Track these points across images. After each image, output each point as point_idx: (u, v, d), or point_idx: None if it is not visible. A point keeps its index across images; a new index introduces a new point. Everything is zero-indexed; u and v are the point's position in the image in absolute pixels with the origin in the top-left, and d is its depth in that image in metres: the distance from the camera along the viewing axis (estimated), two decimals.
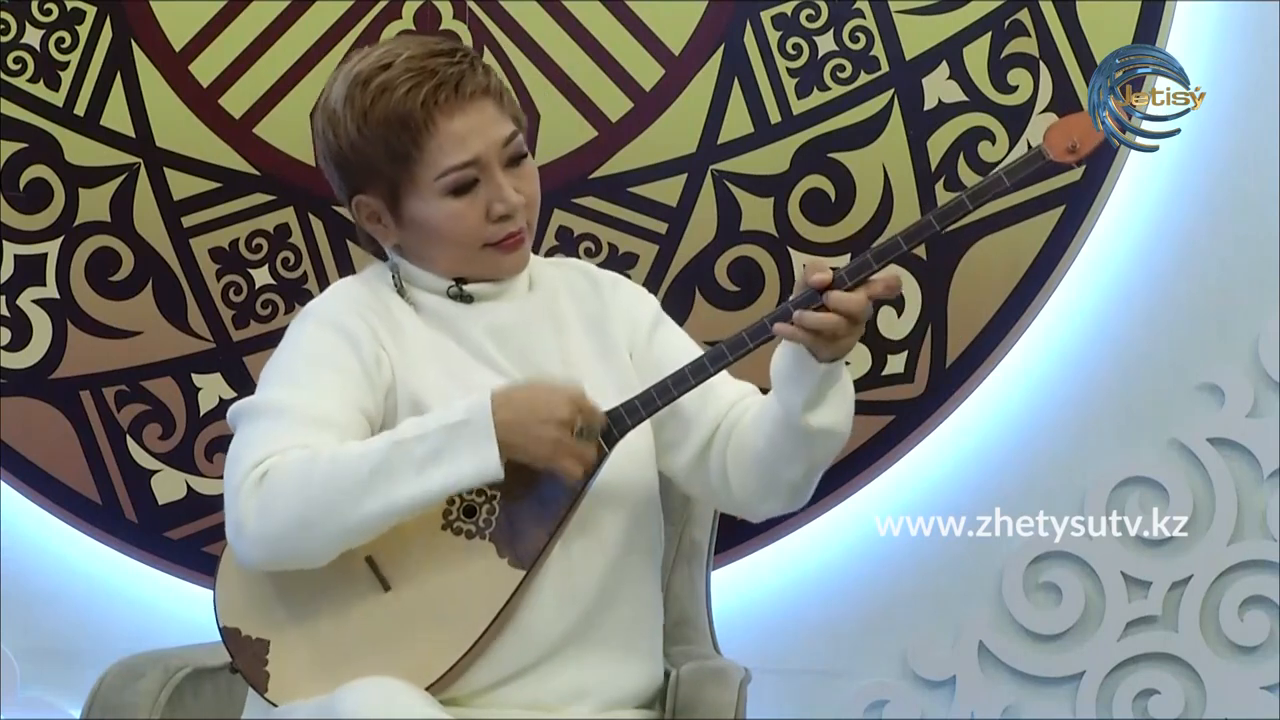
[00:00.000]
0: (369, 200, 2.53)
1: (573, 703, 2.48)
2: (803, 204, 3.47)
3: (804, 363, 2.39)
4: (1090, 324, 3.45)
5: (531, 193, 2.53)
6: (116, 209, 3.58)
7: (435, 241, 2.52)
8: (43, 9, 3.58)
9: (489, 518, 2.45)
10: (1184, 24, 3.39)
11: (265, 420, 2.44)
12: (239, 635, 2.46)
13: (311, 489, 2.37)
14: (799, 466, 2.47)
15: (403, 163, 2.47)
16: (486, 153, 2.48)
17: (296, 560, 2.42)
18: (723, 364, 2.45)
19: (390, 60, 2.48)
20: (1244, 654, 3.43)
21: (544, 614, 2.46)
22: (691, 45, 3.48)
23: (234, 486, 2.40)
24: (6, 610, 3.60)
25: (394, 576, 2.44)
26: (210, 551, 3.54)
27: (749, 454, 2.50)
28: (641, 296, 2.65)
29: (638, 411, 2.45)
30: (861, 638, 3.48)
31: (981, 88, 3.43)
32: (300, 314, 2.56)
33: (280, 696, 2.43)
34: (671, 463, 2.58)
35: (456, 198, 2.48)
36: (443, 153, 2.47)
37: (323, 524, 2.37)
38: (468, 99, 2.47)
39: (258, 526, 2.39)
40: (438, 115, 2.46)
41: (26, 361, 3.60)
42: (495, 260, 2.53)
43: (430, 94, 2.45)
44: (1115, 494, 3.44)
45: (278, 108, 3.55)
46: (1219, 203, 3.42)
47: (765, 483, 2.50)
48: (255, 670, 2.45)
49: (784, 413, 2.42)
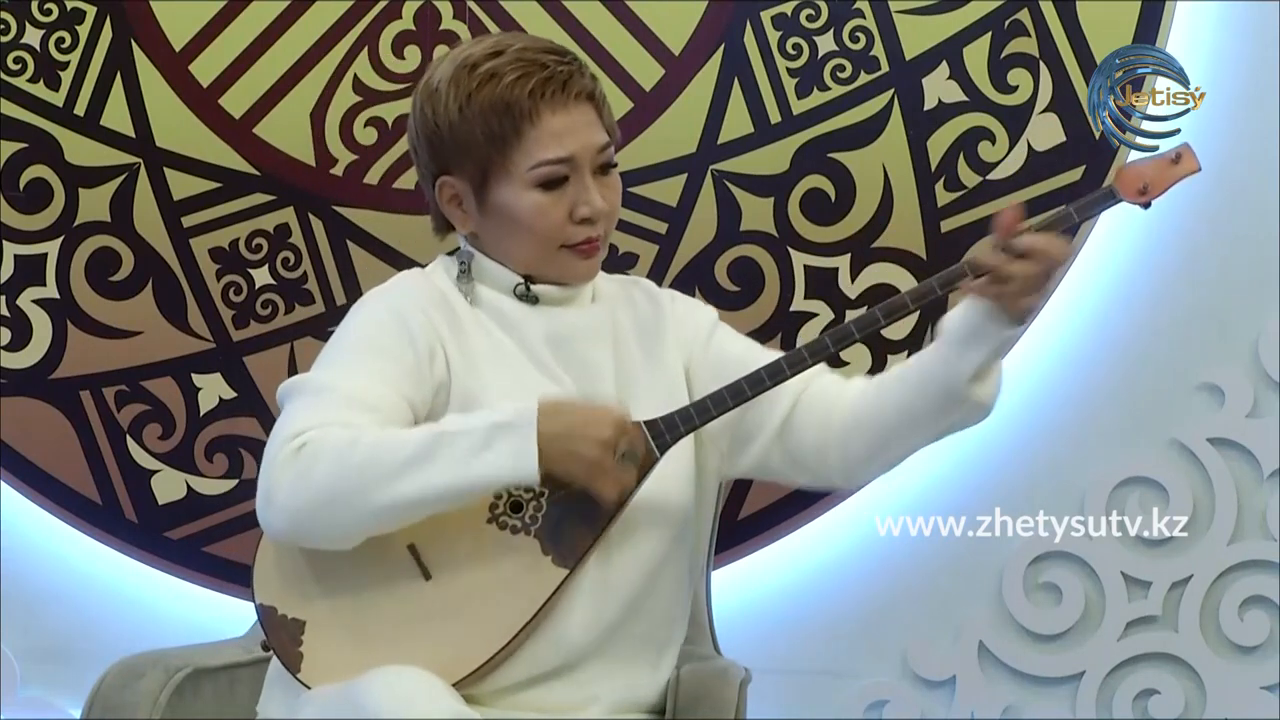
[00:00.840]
0: (454, 182, 2.53)
1: (582, 707, 2.49)
2: (803, 204, 3.47)
3: (992, 321, 2.39)
4: (1090, 324, 3.45)
5: (614, 204, 2.54)
6: (116, 209, 3.58)
7: (515, 233, 2.52)
8: (43, 9, 3.58)
9: (535, 514, 2.45)
10: (1184, 24, 3.39)
11: (310, 397, 2.43)
12: (275, 614, 2.45)
13: (347, 465, 2.36)
14: (930, 434, 2.50)
15: (499, 147, 2.48)
16: (581, 154, 2.49)
17: (321, 537, 2.40)
18: (781, 378, 2.46)
19: (502, 49, 2.50)
20: (1244, 654, 3.43)
21: (574, 621, 2.46)
22: (691, 45, 3.48)
23: (270, 456, 2.40)
24: (6, 610, 3.60)
25: (435, 566, 2.44)
26: (210, 552, 3.55)
27: (869, 422, 2.50)
28: (699, 306, 2.66)
29: (692, 419, 2.46)
30: (861, 638, 3.48)
31: (981, 88, 3.43)
32: (361, 299, 2.57)
33: (313, 678, 2.42)
34: (750, 454, 2.57)
35: (544, 191, 2.49)
36: (540, 145, 2.48)
37: (353, 502, 2.36)
38: (572, 99, 2.49)
39: (288, 497, 2.38)
40: (542, 107, 2.47)
41: (26, 361, 3.60)
42: (569, 263, 2.53)
43: (538, 86, 2.47)
44: (1115, 494, 3.44)
45: (278, 108, 3.55)
46: (1219, 203, 3.42)
47: (883, 450, 2.51)
48: (289, 650, 2.44)
49: (945, 377, 2.43)
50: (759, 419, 2.55)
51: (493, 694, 2.45)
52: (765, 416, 2.54)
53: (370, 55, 3.53)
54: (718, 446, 2.58)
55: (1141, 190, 2.43)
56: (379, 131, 3.53)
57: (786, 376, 2.46)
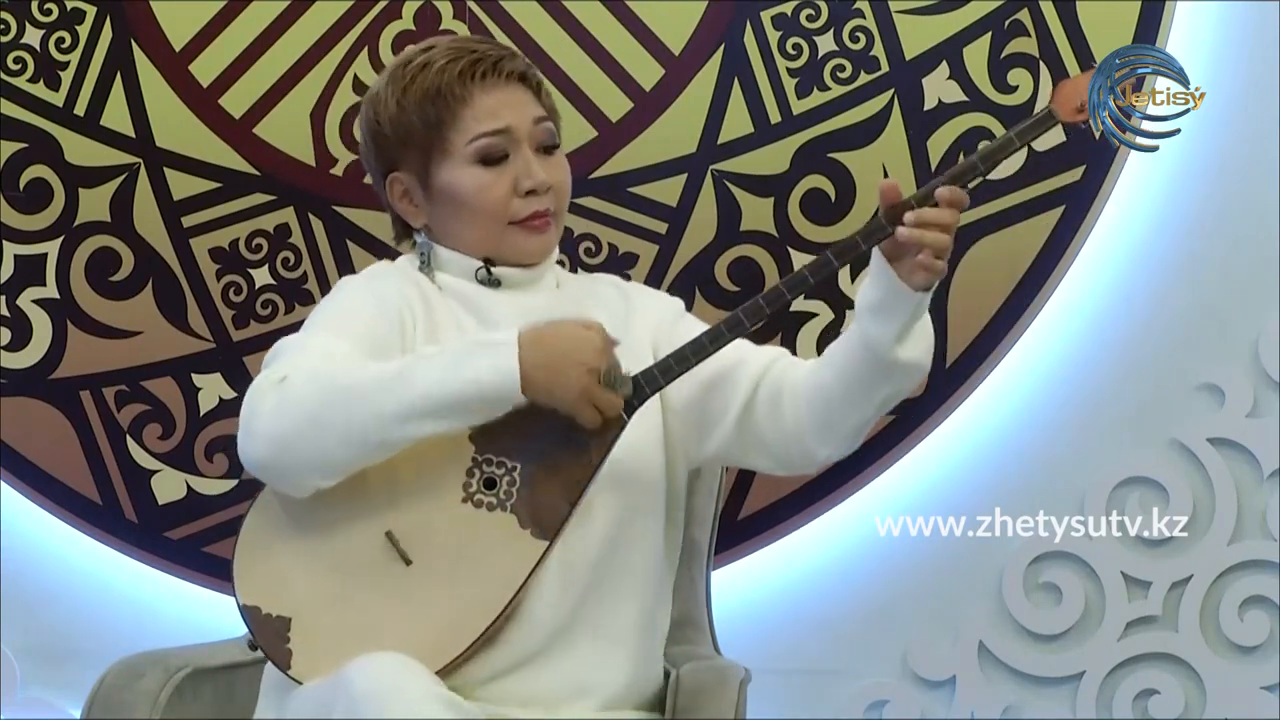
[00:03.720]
0: (402, 176, 2.58)
1: (572, 701, 2.48)
2: (803, 204, 3.47)
3: (897, 293, 2.41)
4: (1090, 324, 3.45)
5: (560, 181, 2.59)
6: (116, 209, 3.58)
7: (462, 214, 2.56)
8: (43, 9, 3.58)
9: (509, 489, 2.45)
10: (1184, 24, 3.39)
11: (292, 352, 2.48)
12: (259, 613, 2.46)
13: (329, 386, 2.39)
14: (871, 403, 2.49)
15: (437, 129, 2.54)
16: (518, 126, 2.56)
17: (301, 466, 2.41)
18: (740, 331, 2.48)
19: (433, 44, 2.59)
20: (1244, 654, 3.43)
21: (543, 601, 2.46)
22: (691, 45, 3.48)
23: (251, 389, 2.42)
24: (6, 610, 3.60)
25: (415, 550, 2.44)
26: (210, 552, 3.55)
27: (813, 397, 2.51)
28: (666, 296, 2.70)
29: (656, 380, 2.47)
30: (861, 638, 3.48)
31: (981, 88, 3.43)
32: (337, 284, 2.63)
33: (304, 673, 2.43)
34: (718, 436, 2.58)
35: (485, 167, 2.55)
36: (475, 120, 2.54)
37: (335, 421, 2.37)
38: (503, 78, 2.57)
39: (269, 423, 2.39)
40: (473, 87, 2.55)
41: (26, 361, 3.59)
42: (520, 240, 2.57)
43: (467, 68, 2.55)
44: (1115, 494, 3.44)
45: (278, 108, 3.55)
46: (1219, 203, 3.42)
47: (828, 424, 2.51)
48: (277, 648, 2.44)
49: (867, 348, 2.44)
50: (724, 399, 2.56)
51: (470, 685, 2.44)
52: (729, 397, 2.56)
53: (370, 55, 3.53)
54: (685, 423, 2.59)
55: (1079, 108, 2.42)
56: None
57: (745, 328, 2.47)
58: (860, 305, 2.45)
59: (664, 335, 2.61)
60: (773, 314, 2.49)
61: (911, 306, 2.41)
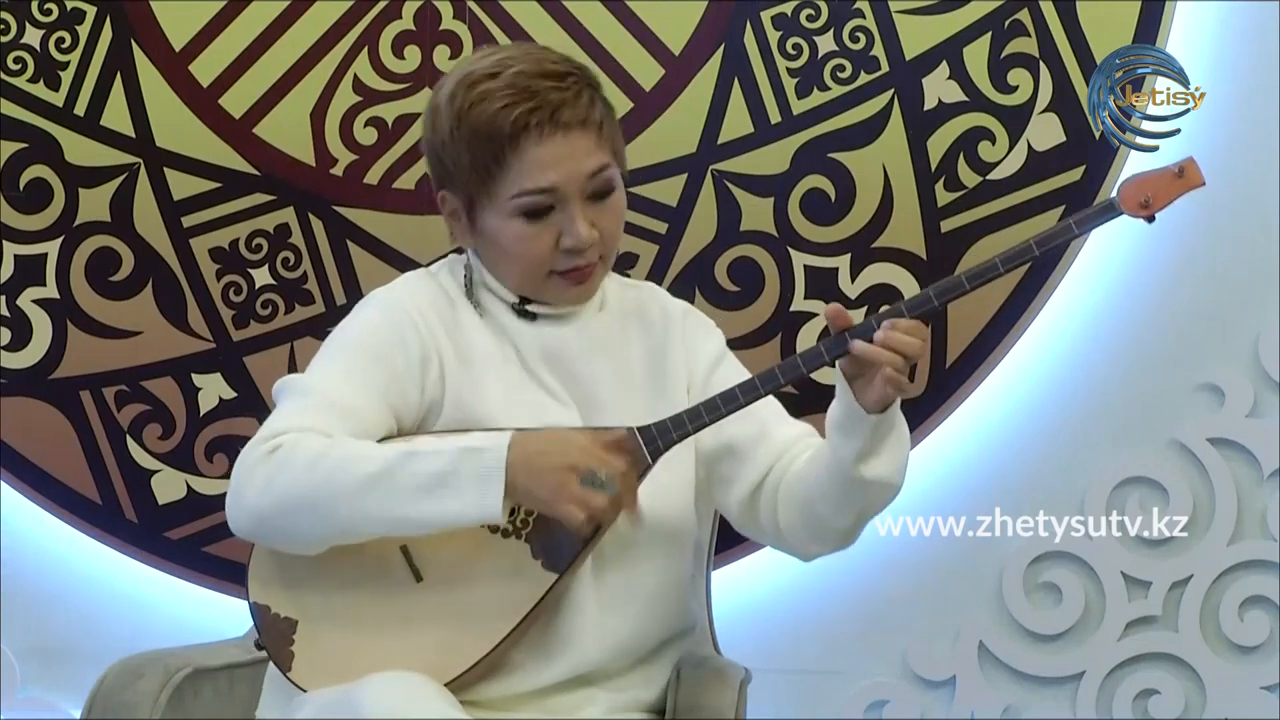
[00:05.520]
0: (451, 198, 2.53)
1: (582, 706, 2.49)
2: (803, 204, 3.47)
3: (855, 413, 2.39)
4: (1090, 324, 3.45)
5: (610, 229, 2.51)
6: (116, 209, 3.58)
7: (503, 258, 2.51)
8: (43, 9, 3.58)
9: (526, 518, 2.45)
10: (1184, 24, 3.39)
11: (296, 399, 2.45)
12: (268, 613, 2.46)
13: (316, 474, 2.37)
14: (849, 515, 2.49)
15: (483, 175, 2.47)
16: (567, 184, 2.46)
17: (284, 540, 2.42)
18: (755, 396, 2.44)
19: (500, 69, 2.46)
20: (1244, 654, 3.43)
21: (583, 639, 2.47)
22: (691, 45, 3.48)
23: (245, 454, 2.42)
24: (6, 610, 3.60)
25: (427, 568, 2.44)
26: (210, 552, 3.55)
27: (799, 499, 2.50)
28: (709, 331, 2.65)
29: (684, 425, 2.44)
30: (861, 638, 3.48)
31: (981, 88, 3.43)
32: (363, 299, 2.57)
33: (303, 678, 2.43)
34: (725, 497, 2.58)
35: (528, 221, 2.47)
36: (523, 175, 2.45)
37: (315, 512, 2.38)
38: (561, 127, 2.45)
39: (255, 497, 2.39)
40: (524, 138, 2.44)
41: (26, 361, 3.59)
42: (560, 289, 2.52)
43: (524, 115, 2.44)
44: (1115, 494, 3.44)
45: (278, 108, 3.55)
46: (1219, 203, 3.41)
47: (814, 528, 2.51)
48: (280, 649, 2.45)
49: (837, 462, 2.42)
50: (735, 470, 2.55)
51: (502, 700, 2.46)
52: (742, 470, 2.55)
53: (370, 55, 3.53)
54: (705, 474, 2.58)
55: (1144, 204, 2.42)
56: (379, 131, 3.53)
57: (780, 383, 2.44)
58: (828, 419, 2.44)
59: (700, 377, 2.59)
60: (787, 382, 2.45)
61: (869, 427, 2.39)
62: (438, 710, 2.32)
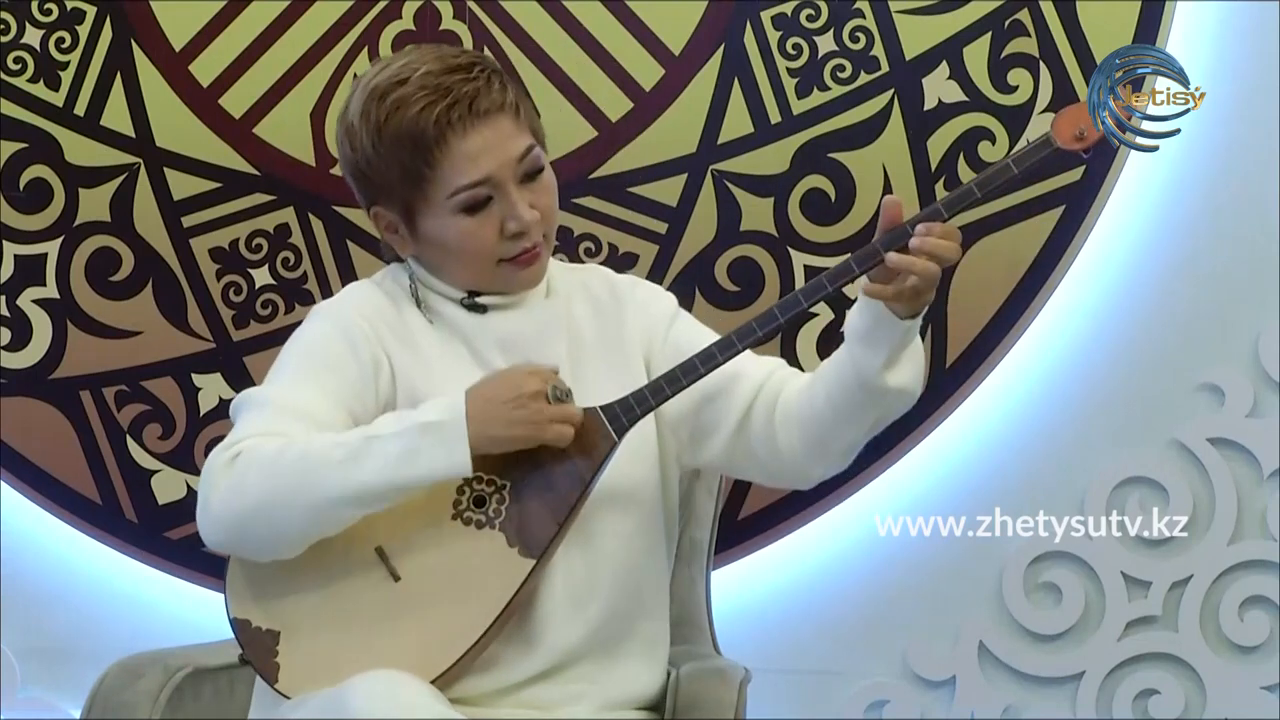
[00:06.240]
0: (385, 212, 2.54)
1: (572, 703, 2.49)
2: (803, 204, 3.47)
3: (884, 321, 2.39)
4: (1090, 324, 3.45)
5: (548, 206, 2.52)
6: (116, 209, 3.58)
7: (450, 258, 2.53)
8: (43, 9, 3.58)
9: (499, 507, 2.45)
10: (1184, 24, 3.39)
11: (253, 411, 2.46)
12: (249, 626, 2.46)
13: (279, 471, 2.38)
14: (862, 426, 2.48)
15: (416, 182, 2.48)
16: (500, 171, 2.48)
17: (257, 544, 2.42)
18: (732, 352, 2.46)
19: (407, 75, 2.48)
20: (1244, 654, 3.43)
21: (558, 622, 2.47)
22: (691, 45, 3.48)
23: (207, 467, 2.43)
24: (6, 610, 3.60)
25: (404, 566, 2.44)
26: (210, 552, 3.53)
27: (805, 417, 2.49)
28: (659, 294, 2.66)
29: (647, 400, 2.45)
30: (861, 638, 3.48)
31: (981, 88, 3.43)
32: (310, 312, 2.58)
33: (290, 688, 2.43)
34: (710, 448, 2.57)
35: (469, 215, 2.49)
36: (455, 171, 2.47)
37: (287, 506, 2.38)
38: (481, 116, 2.46)
39: (221, 506, 2.40)
40: (449, 134, 2.46)
41: (26, 361, 3.60)
42: (510, 275, 2.53)
43: (444, 113, 2.45)
44: (1115, 494, 3.44)
45: (278, 108, 3.55)
46: (1219, 203, 3.42)
47: (820, 444, 2.50)
48: (265, 662, 2.45)
49: (856, 372, 2.42)
50: (718, 414, 2.55)
51: (485, 695, 2.46)
52: (724, 412, 2.54)
53: (370, 55, 3.53)
54: (677, 435, 2.58)
55: (1078, 136, 2.42)
56: None
57: (737, 349, 2.46)
58: (849, 330, 2.44)
59: (657, 340, 2.60)
60: (765, 335, 2.47)
61: (899, 334, 2.39)
62: (426, 708, 2.32)
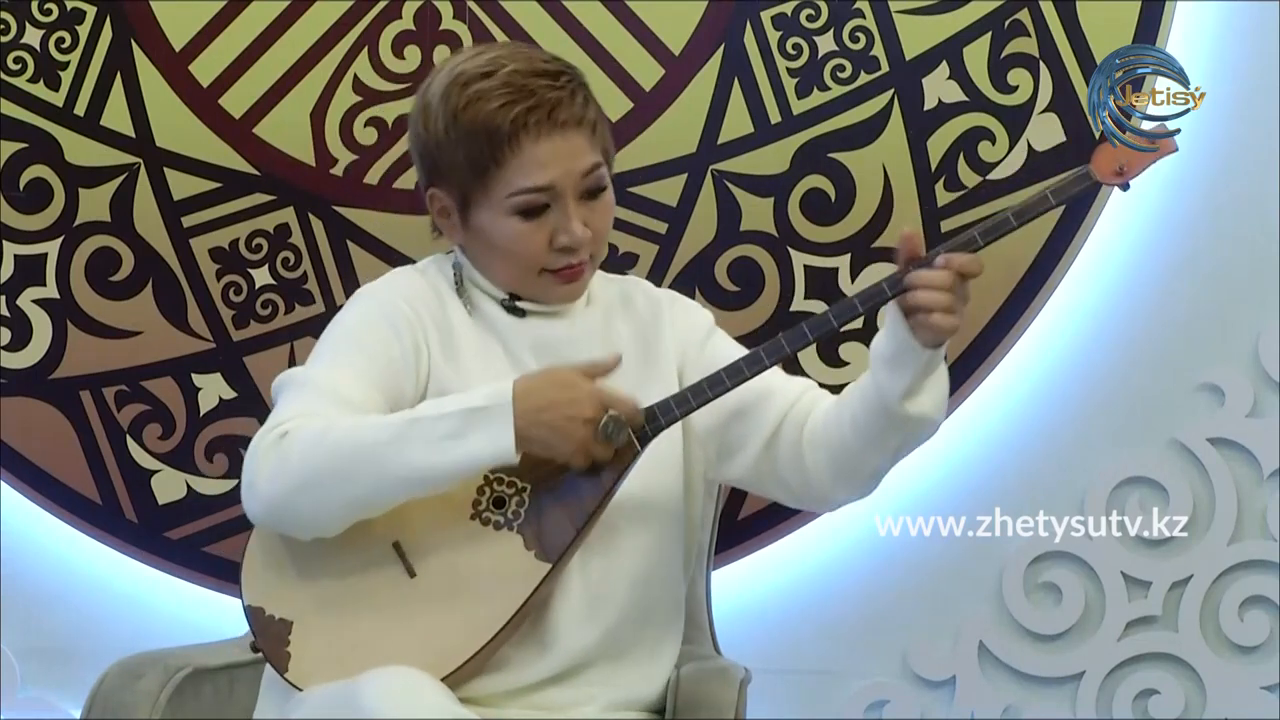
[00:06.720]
0: (441, 195, 2.54)
1: (581, 705, 2.49)
2: (803, 204, 3.47)
3: (907, 348, 2.39)
4: (1090, 324, 3.45)
5: (602, 227, 2.54)
6: (116, 209, 3.58)
7: (495, 256, 2.54)
8: (43, 9, 3.58)
9: (518, 509, 2.45)
10: (1184, 24, 3.39)
11: (295, 391, 2.46)
12: (263, 614, 2.46)
13: (325, 450, 2.38)
14: (887, 453, 2.48)
15: (479, 174, 2.49)
16: (562, 181, 2.48)
17: (302, 522, 2.42)
18: (759, 368, 2.46)
19: (494, 69, 2.49)
20: (1244, 654, 3.43)
21: (573, 627, 2.48)
22: (691, 45, 3.48)
23: (253, 446, 2.43)
24: (6, 610, 3.60)
25: (420, 563, 2.45)
26: (210, 552, 3.55)
27: (830, 441, 2.50)
28: (695, 310, 2.67)
29: (671, 411, 2.46)
30: (861, 638, 3.48)
31: (981, 88, 3.43)
32: (354, 295, 2.59)
33: (301, 678, 2.43)
34: (737, 465, 2.58)
35: (524, 219, 2.50)
36: (520, 173, 2.48)
37: (329, 485, 2.38)
38: (558, 126, 2.48)
39: (268, 485, 2.40)
40: (523, 135, 2.47)
41: (26, 361, 3.59)
42: (550, 286, 2.54)
43: (522, 114, 2.46)
44: (1115, 494, 3.44)
45: (278, 108, 3.55)
46: (1219, 203, 3.42)
47: (846, 470, 2.50)
48: (277, 650, 2.45)
49: (880, 398, 2.42)
50: (747, 430, 2.55)
51: (496, 696, 2.46)
52: (753, 429, 2.55)
53: (370, 55, 3.53)
54: (705, 449, 2.59)
55: (1118, 171, 2.42)
56: (379, 131, 3.53)
57: (765, 365, 2.46)
58: (874, 354, 2.44)
59: (692, 355, 2.60)
60: (794, 353, 2.47)
61: (922, 362, 2.40)
62: (438, 706, 2.32)
